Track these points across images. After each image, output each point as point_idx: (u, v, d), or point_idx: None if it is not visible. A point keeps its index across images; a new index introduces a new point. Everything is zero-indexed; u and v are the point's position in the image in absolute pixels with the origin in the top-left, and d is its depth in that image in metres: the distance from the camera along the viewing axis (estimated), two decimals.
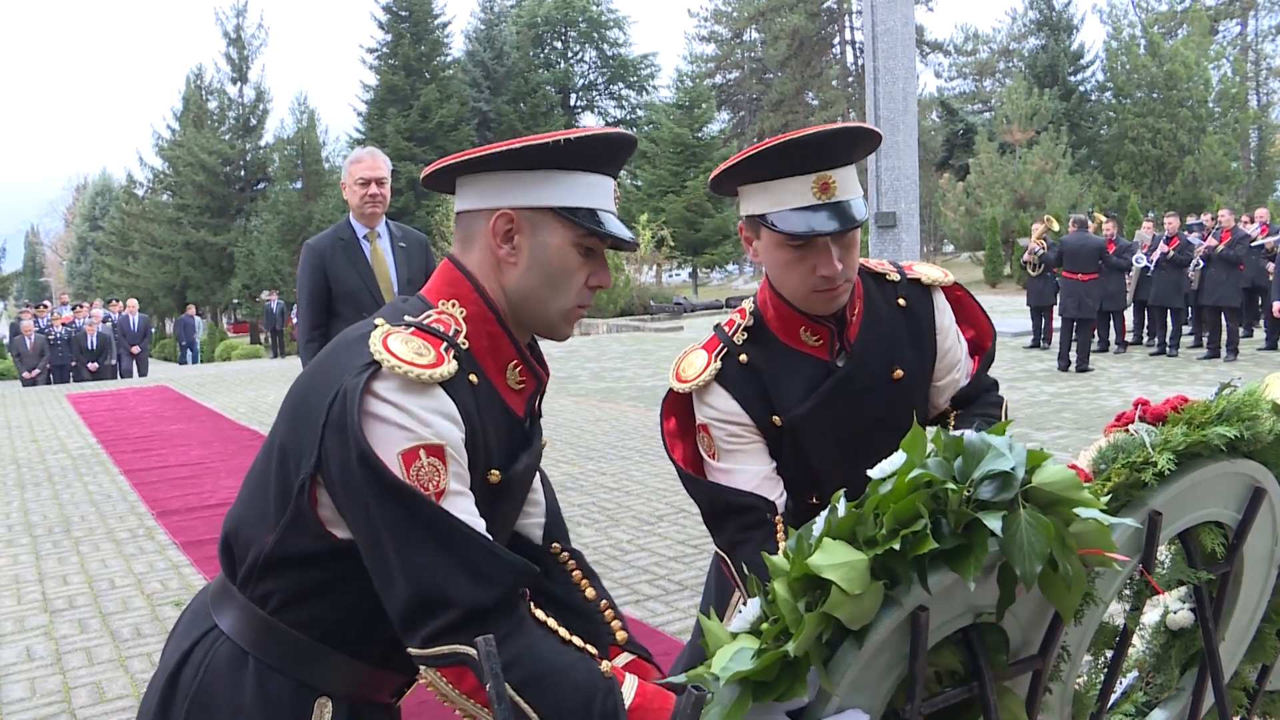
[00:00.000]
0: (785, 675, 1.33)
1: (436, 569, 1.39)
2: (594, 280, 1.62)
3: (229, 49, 45.80)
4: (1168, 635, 2.25)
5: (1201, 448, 1.87)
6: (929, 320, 2.17)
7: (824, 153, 1.94)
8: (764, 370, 2.12)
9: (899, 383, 2.11)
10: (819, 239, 1.95)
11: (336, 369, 1.48)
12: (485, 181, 1.58)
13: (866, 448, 1.95)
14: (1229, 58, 44.78)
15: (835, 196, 1.94)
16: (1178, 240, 14.15)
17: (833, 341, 2.10)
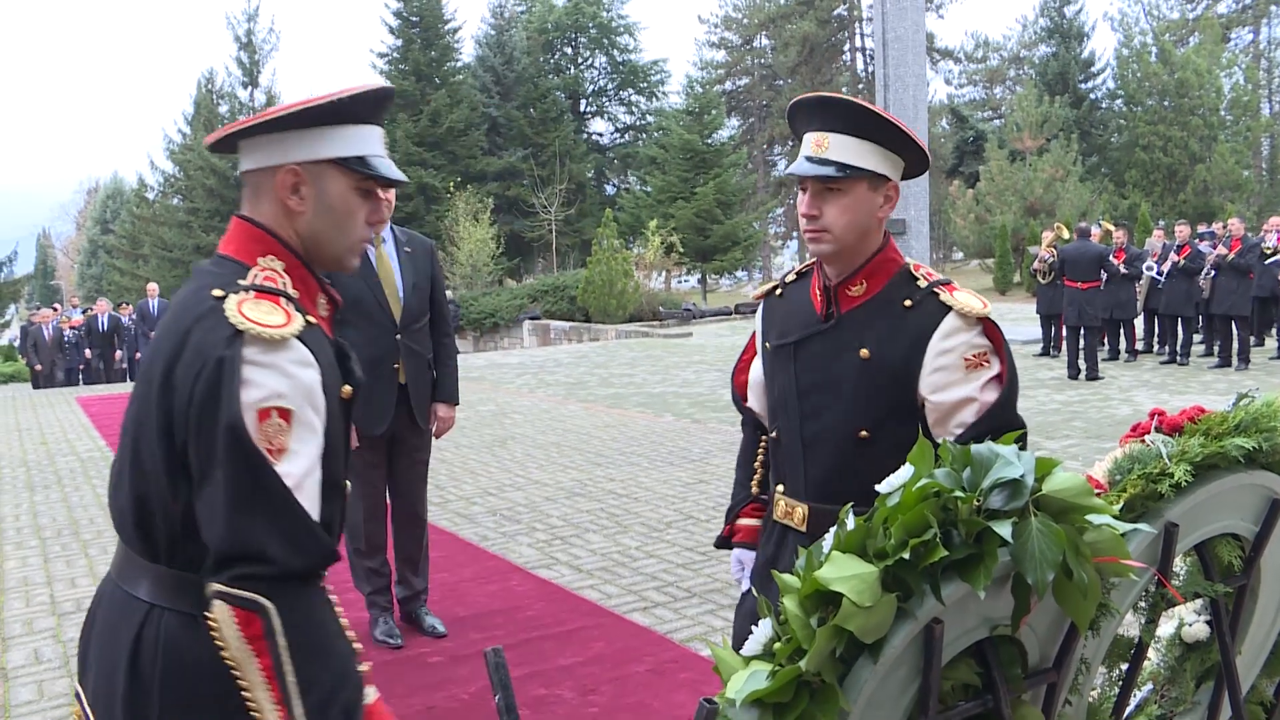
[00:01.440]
0: (802, 697, 1.31)
1: (262, 531, 1.55)
2: (373, 217, 1.86)
3: (240, 53, 45.95)
4: (1183, 648, 2.23)
5: (1219, 459, 1.85)
6: (927, 330, 2.18)
7: (814, 115, 2.25)
8: (782, 303, 2.45)
9: (865, 362, 2.21)
10: (806, 184, 2.23)
11: (200, 343, 1.60)
12: (268, 142, 1.76)
13: (821, 403, 2.27)
14: (1241, 65, 44.66)
15: (826, 154, 2.19)
16: (1188, 249, 14.09)
17: (827, 303, 2.30)
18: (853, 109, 2.20)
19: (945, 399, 2.15)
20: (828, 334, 2.28)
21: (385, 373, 4.41)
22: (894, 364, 2.19)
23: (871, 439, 2.20)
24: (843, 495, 2.02)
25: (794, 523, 2.33)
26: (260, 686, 1.53)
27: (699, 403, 12.17)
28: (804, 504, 2.30)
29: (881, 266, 2.25)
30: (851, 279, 2.26)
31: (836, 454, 2.24)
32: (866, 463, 2.16)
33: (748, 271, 60.68)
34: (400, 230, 4.67)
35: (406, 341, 4.46)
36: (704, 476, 7.88)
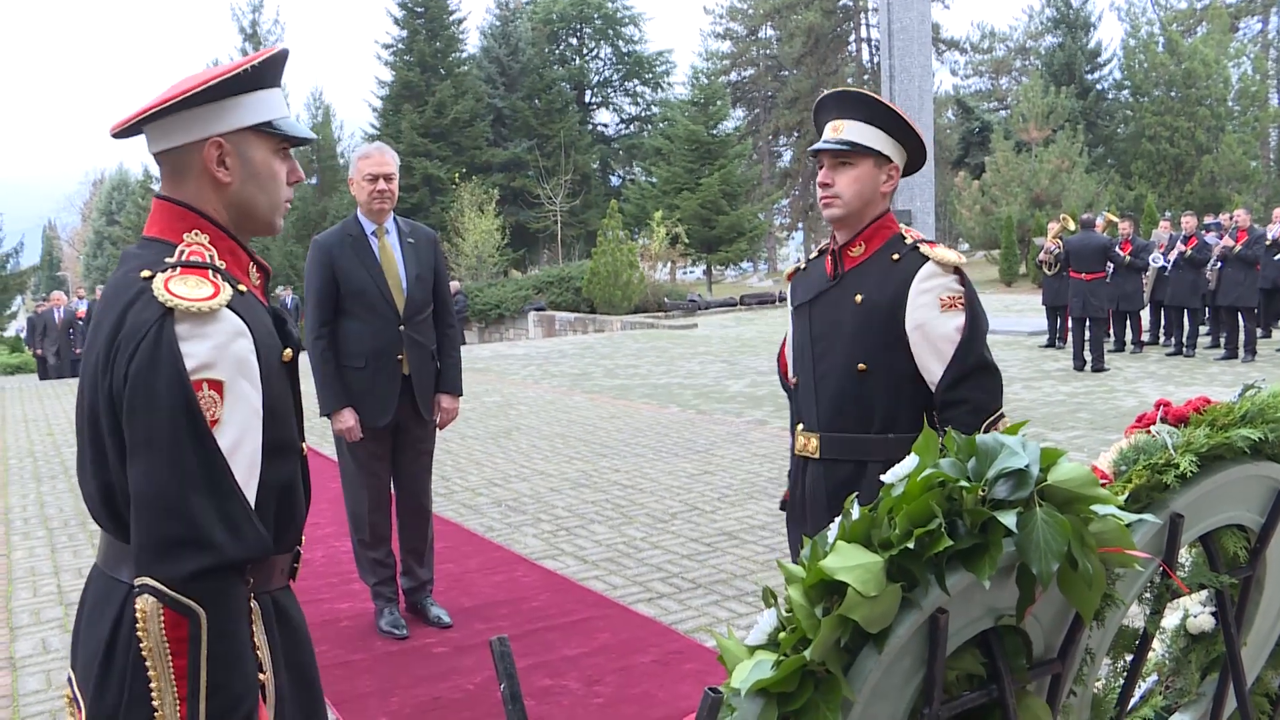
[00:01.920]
0: (807, 686, 1.31)
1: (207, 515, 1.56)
2: (293, 177, 1.90)
3: (245, 44, 45.87)
4: (1188, 639, 2.23)
5: (1224, 450, 1.85)
6: (909, 276, 2.63)
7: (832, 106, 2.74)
8: (804, 276, 2.93)
9: (859, 306, 2.67)
10: (822, 158, 2.72)
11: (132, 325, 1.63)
12: (183, 120, 1.77)
13: (824, 347, 2.74)
14: (1249, 55, 44.43)
15: (840, 135, 2.68)
16: (1195, 240, 14.05)
17: (834, 264, 2.78)
18: (864, 99, 2.70)
19: (925, 332, 2.60)
20: (833, 289, 2.75)
21: (389, 364, 4.42)
22: (883, 305, 2.63)
23: (869, 370, 2.64)
24: (847, 421, 2.66)
25: (809, 452, 2.77)
26: (167, 680, 1.55)
27: (704, 394, 12.17)
28: (817, 434, 2.74)
29: (878, 232, 2.73)
30: (852, 241, 2.74)
31: (841, 386, 2.69)
32: (866, 390, 2.65)
33: (753, 263, 60.60)
34: (403, 221, 4.66)
35: (410, 333, 4.45)
36: (709, 467, 7.89)
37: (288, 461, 1.79)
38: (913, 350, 2.61)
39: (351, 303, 4.43)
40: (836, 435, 2.69)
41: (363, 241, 4.50)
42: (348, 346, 4.43)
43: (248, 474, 1.65)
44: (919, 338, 2.60)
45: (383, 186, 4.44)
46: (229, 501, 1.60)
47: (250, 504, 1.64)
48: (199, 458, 1.58)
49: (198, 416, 1.59)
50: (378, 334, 4.39)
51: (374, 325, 4.40)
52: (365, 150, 4.55)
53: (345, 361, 4.42)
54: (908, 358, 2.62)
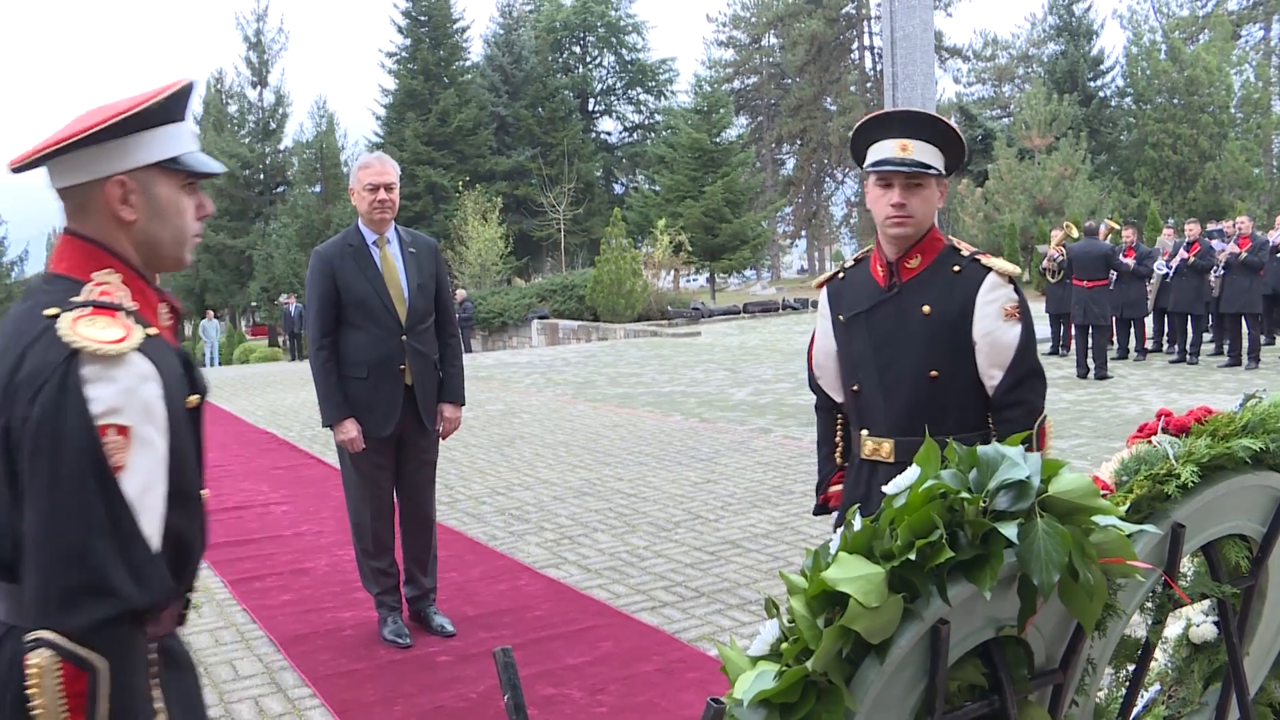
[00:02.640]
0: (809, 697, 1.32)
1: (109, 560, 1.51)
2: (200, 212, 1.85)
3: (249, 53, 46.03)
4: (1190, 649, 2.23)
5: (1226, 460, 1.85)
6: (974, 286, 2.75)
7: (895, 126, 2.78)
8: (846, 284, 2.99)
9: (927, 317, 2.76)
10: (893, 180, 2.73)
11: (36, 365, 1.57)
12: (85, 157, 1.71)
13: (890, 355, 2.80)
14: (1252, 63, 44.45)
15: (911, 156, 2.73)
16: (1198, 246, 14.05)
17: (890, 275, 2.84)
18: (930, 120, 2.78)
19: (991, 340, 2.73)
20: (893, 300, 2.82)
21: (391, 374, 4.42)
22: (951, 316, 2.75)
23: (940, 377, 2.76)
24: (921, 426, 2.64)
25: (882, 456, 2.84)
26: None
27: (707, 402, 12.18)
28: (890, 439, 2.82)
29: (930, 245, 2.82)
30: (908, 254, 2.81)
31: (913, 393, 2.78)
32: (939, 396, 2.77)
33: (756, 271, 60.60)
34: (405, 230, 4.65)
35: (412, 342, 4.45)
36: (712, 476, 7.89)
37: (187, 510, 1.73)
38: (977, 357, 2.76)
39: (353, 313, 4.42)
40: (911, 440, 2.73)
41: (364, 251, 4.48)
42: (350, 357, 4.42)
43: (152, 520, 1.60)
44: (985, 345, 2.74)
45: (383, 196, 4.43)
46: (133, 548, 1.55)
47: (155, 550, 1.59)
48: (103, 503, 1.53)
49: (102, 461, 1.54)
50: (380, 344, 4.39)
51: (376, 335, 4.40)
52: (365, 160, 4.53)
53: (347, 372, 4.42)
54: (973, 363, 2.77)
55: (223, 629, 4.89)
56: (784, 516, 6.54)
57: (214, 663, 4.46)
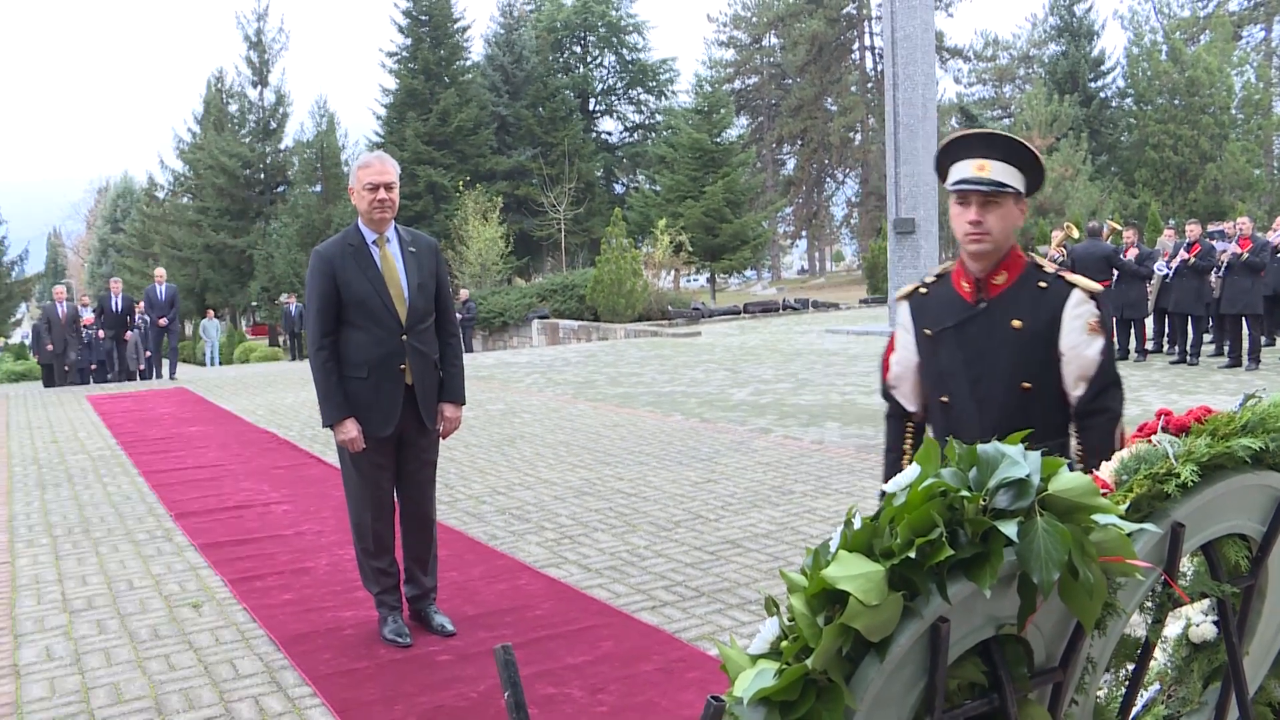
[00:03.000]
0: (809, 695, 1.32)
1: None
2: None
3: (250, 52, 46.06)
4: (1190, 648, 2.23)
5: (1225, 459, 1.85)
6: (1060, 302, 2.86)
7: (977, 146, 2.89)
8: (930, 298, 3.08)
9: (1017, 330, 2.88)
10: (971, 198, 2.86)
11: None
12: None
13: (982, 368, 2.92)
14: (1253, 64, 44.46)
15: (989, 175, 2.84)
16: (1199, 247, 14.05)
17: (976, 290, 2.95)
18: (1006, 142, 2.89)
19: (1076, 353, 2.84)
20: (983, 314, 2.94)
21: (391, 374, 4.41)
22: (1040, 330, 2.87)
23: (1032, 389, 2.88)
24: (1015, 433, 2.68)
25: None
26: None
27: (708, 402, 12.18)
28: None
29: (1014, 262, 2.94)
30: (994, 271, 2.93)
31: (1006, 404, 2.89)
32: (1029, 406, 2.88)
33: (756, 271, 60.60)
34: (404, 229, 4.64)
35: (412, 342, 4.44)
36: (713, 476, 7.89)
37: None
38: (1063, 368, 2.88)
39: (353, 313, 4.40)
40: None
41: (364, 251, 4.46)
42: (350, 357, 4.41)
43: None
44: (1071, 358, 2.86)
45: (383, 196, 4.41)
46: None
47: None
48: None
49: None
50: (380, 344, 4.39)
51: (376, 335, 4.39)
52: (365, 160, 4.50)
53: (348, 372, 4.41)
54: (1059, 375, 2.89)
55: (223, 628, 4.90)
56: (784, 516, 6.54)
57: (214, 662, 4.46)
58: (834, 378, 13.91)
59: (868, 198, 58.90)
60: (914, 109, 22.00)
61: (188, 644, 4.70)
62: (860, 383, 13.22)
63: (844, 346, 18.85)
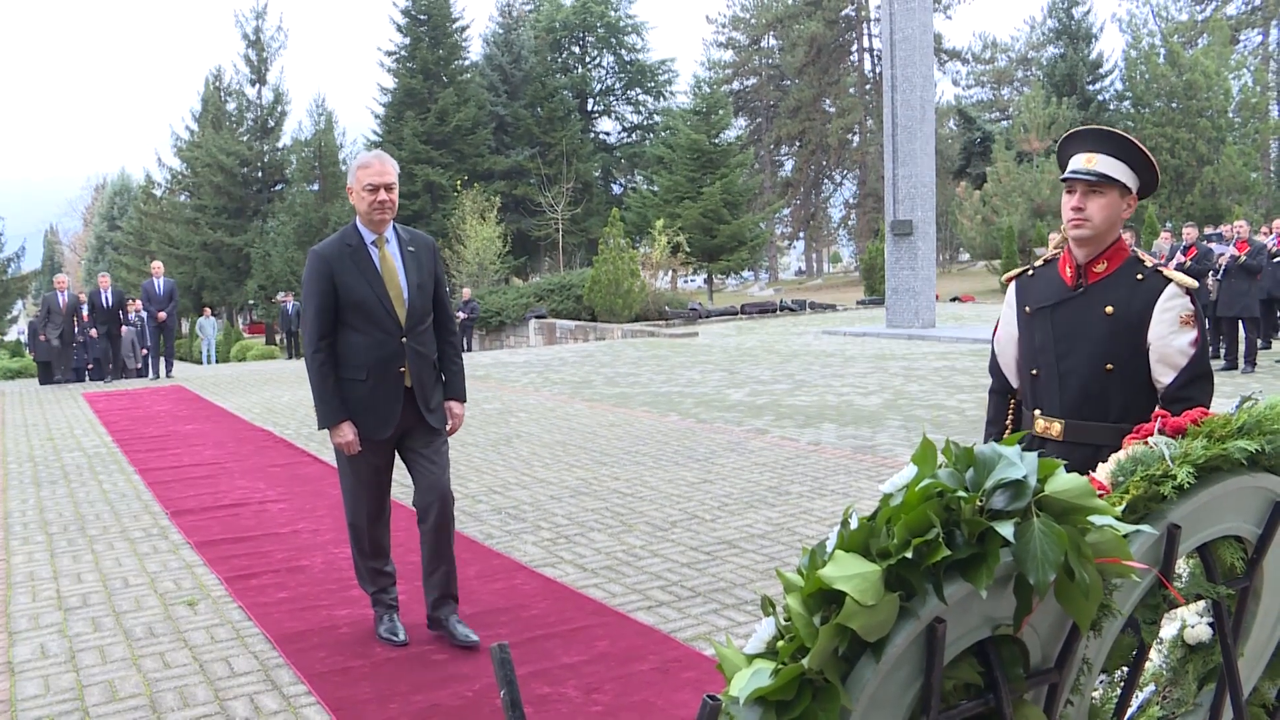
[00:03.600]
0: (805, 695, 1.32)
1: None
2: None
3: (248, 51, 46.03)
4: (1185, 650, 2.23)
5: (1221, 461, 1.86)
6: (1154, 294, 3.02)
7: (1087, 140, 3.11)
8: (1034, 280, 3.30)
9: (1109, 316, 3.05)
10: (1076, 186, 3.07)
11: None
12: None
13: (1073, 346, 3.11)
14: (1250, 68, 44.52)
15: (1093, 167, 3.04)
16: (1195, 250, 14.07)
17: (1077, 275, 3.14)
18: (1115, 136, 3.07)
19: (1166, 344, 3.00)
20: (1079, 298, 3.13)
21: (391, 376, 4.37)
22: (1131, 318, 3.03)
23: (1115, 371, 3.05)
24: (1090, 411, 3.07)
25: (1052, 435, 3.16)
26: None
27: (704, 402, 12.18)
28: (1060, 420, 3.14)
29: (1117, 253, 3.11)
30: (1096, 259, 3.10)
31: (1086, 381, 3.09)
32: (1110, 387, 3.07)
33: (754, 272, 60.62)
34: (403, 229, 4.60)
35: (412, 344, 4.40)
36: (709, 476, 7.89)
37: None
38: (1151, 357, 3.03)
39: (351, 314, 4.35)
40: (1080, 423, 3.11)
41: (362, 251, 4.40)
42: (348, 359, 4.36)
43: None
44: (1159, 347, 3.00)
45: (383, 197, 4.35)
46: None
47: None
48: None
49: None
50: (379, 346, 4.34)
51: (375, 337, 4.34)
52: (364, 159, 4.43)
53: (345, 374, 4.36)
54: (1145, 362, 3.04)
55: (218, 626, 4.89)
56: (780, 517, 6.55)
57: (209, 660, 4.46)
58: (831, 379, 13.92)
59: (865, 199, 58.94)
60: (912, 111, 22.02)
61: (183, 642, 4.69)
62: (857, 384, 13.23)
63: (841, 347, 18.85)
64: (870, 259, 36.84)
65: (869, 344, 19.47)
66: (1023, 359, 3.33)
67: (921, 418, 10.12)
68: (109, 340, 18.67)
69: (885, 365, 15.39)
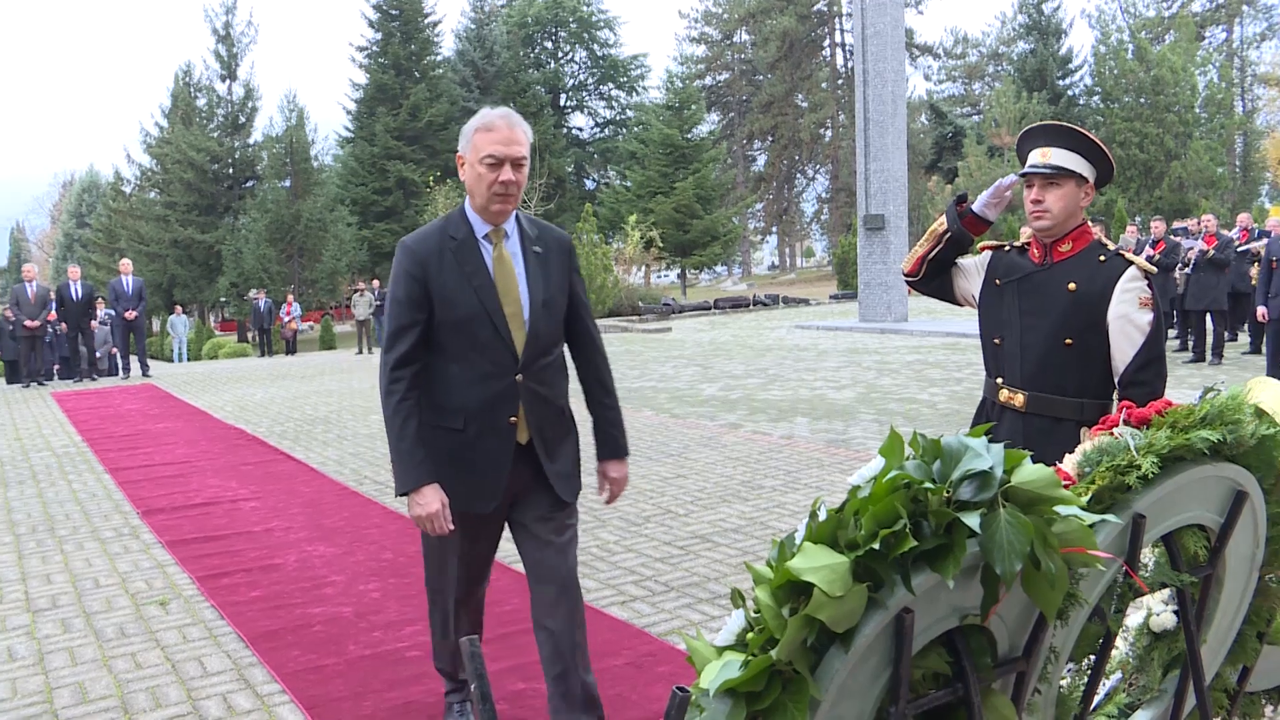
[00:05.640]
0: (774, 686, 1.33)
1: None
2: None
3: (218, 46, 45.62)
4: (1151, 637, 2.26)
5: (1185, 451, 1.88)
6: (1115, 275, 3.22)
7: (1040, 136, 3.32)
8: (1008, 256, 3.52)
9: (1072, 292, 3.25)
10: (1034, 180, 3.29)
11: None
12: None
13: (1036, 320, 3.31)
14: (1215, 64, 44.96)
15: (1049, 160, 3.26)
16: (1164, 244, 14.21)
17: (1044, 254, 3.36)
18: (1069, 131, 3.27)
19: (1126, 320, 3.18)
20: (1044, 273, 3.34)
21: (498, 427, 3.13)
22: (1092, 295, 3.22)
23: (1074, 345, 3.23)
24: (1051, 383, 3.27)
25: (1015, 405, 3.37)
26: None
27: (678, 397, 12.20)
28: (1023, 392, 3.34)
29: (1081, 236, 3.33)
30: (1062, 240, 3.33)
31: (1047, 354, 3.28)
32: (1070, 360, 3.25)
33: (727, 266, 60.68)
34: (528, 219, 3.29)
35: (530, 383, 3.16)
36: (682, 471, 7.91)
37: None
38: (1110, 335, 3.21)
39: (448, 336, 3.11)
40: (1040, 394, 3.30)
41: (471, 248, 3.12)
42: (439, 398, 3.14)
43: None
44: (1119, 325, 3.19)
45: (508, 175, 3.05)
46: None
47: None
48: None
49: None
50: (484, 383, 3.10)
51: (480, 370, 3.10)
52: (488, 119, 3.09)
53: (435, 419, 3.14)
54: (1103, 339, 3.22)
55: (190, 625, 4.87)
56: (754, 511, 6.57)
57: (181, 659, 4.43)
58: (804, 373, 13.97)
59: (838, 194, 59.13)
60: (884, 105, 22.10)
61: (155, 642, 4.66)
62: (830, 378, 13.28)
63: (814, 342, 18.92)
64: (843, 253, 37.00)
65: (842, 338, 19.55)
66: (988, 328, 3.53)
67: (894, 411, 10.17)
68: (78, 334, 18.20)
69: (858, 359, 15.45)
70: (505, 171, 3.05)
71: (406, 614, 4.86)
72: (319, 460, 8.77)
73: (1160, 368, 3.20)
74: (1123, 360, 3.20)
